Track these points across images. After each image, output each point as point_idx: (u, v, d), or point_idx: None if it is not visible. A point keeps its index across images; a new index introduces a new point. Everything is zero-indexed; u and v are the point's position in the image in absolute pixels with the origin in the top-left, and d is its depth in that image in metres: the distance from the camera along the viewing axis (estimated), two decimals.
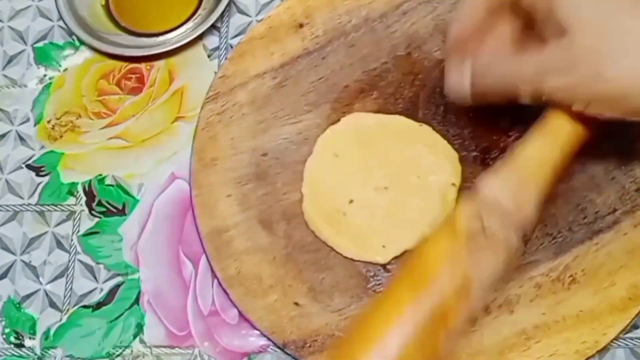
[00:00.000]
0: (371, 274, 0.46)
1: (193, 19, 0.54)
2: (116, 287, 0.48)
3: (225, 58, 0.53)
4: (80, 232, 0.50)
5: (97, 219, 0.50)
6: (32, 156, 0.52)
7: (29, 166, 0.52)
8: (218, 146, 0.49)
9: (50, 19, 0.56)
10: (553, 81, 0.38)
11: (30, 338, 0.48)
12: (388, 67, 0.50)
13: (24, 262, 0.50)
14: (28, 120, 0.53)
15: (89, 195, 0.51)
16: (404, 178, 0.47)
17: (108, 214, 0.50)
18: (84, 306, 0.48)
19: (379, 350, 0.35)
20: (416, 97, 0.49)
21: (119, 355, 0.47)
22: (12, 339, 0.48)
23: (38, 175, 0.52)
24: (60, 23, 0.55)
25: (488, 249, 0.37)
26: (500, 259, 0.37)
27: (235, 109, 0.50)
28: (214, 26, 0.53)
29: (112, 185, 0.51)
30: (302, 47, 0.51)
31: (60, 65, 0.55)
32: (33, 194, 0.51)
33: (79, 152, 0.52)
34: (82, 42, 0.55)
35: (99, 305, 0.48)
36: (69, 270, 0.49)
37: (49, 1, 0.56)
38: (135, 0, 0.56)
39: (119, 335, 0.47)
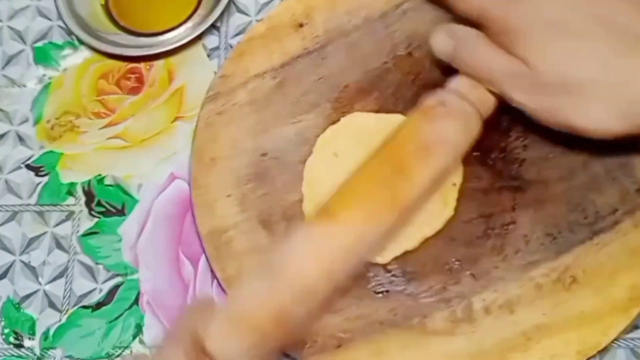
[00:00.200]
0: (371, 274, 0.45)
1: (192, 19, 0.54)
2: (115, 288, 0.48)
3: (225, 58, 0.53)
4: (80, 233, 0.50)
5: (97, 219, 0.50)
6: (32, 156, 0.52)
7: (28, 166, 0.52)
8: (218, 146, 0.49)
9: (49, 19, 0.56)
10: (515, 90, 0.41)
11: (29, 338, 0.48)
12: (388, 67, 0.50)
13: (23, 263, 0.49)
14: (27, 120, 0.53)
15: (89, 195, 0.51)
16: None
17: (107, 214, 0.50)
18: (84, 306, 0.48)
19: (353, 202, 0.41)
20: (416, 97, 0.49)
21: (118, 355, 0.46)
22: (12, 339, 0.48)
23: (37, 175, 0.52)
24: (60, 23, 0.55)
25: (445, 116, 0.42)
26: (458, 123, 0.42)
27: (235, 109, 0.50)
28: (213, 26, 0.53)
29: (112, 186, 0.51)
30: (302, 47, 0.51)
31: (59, 65, 0.55)
32: (32, 194, 0.51)
33: (78, 152, 0.52)
34: (82, 42, 0.55)
35: (99, 305, 0.48)
36: (69, 271, 0.49)
37: (49, 1, 0.56)
38: (134, 0, 0.56)
39: (118, 335, 0.47)
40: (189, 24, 0.54)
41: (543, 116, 0.40)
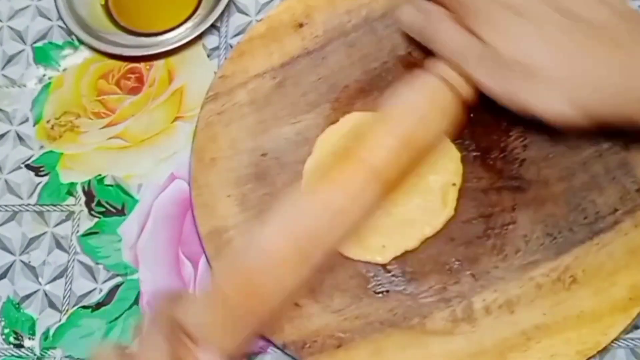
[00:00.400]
0: (371, 274, 0.45)
1: (192, 19, 0.54)
2: (115, 288, 0.48)
3: (225, 58, 0.53)
4: (80, 233, 0.50)
5: (97, 219, 0.50)
6: (32, 156, 0.52)
7: (28, 166, 0.52)
8: (218, 146, 0.49)
9: (49, 19, 0.56)
10: (477, 69, 0.42)
11: (29, 338, 0.48)
12: (388, 67, 0.50)
13: (23, 263, 0.49)
14: (27, 120, 0.53)
15: (89, 195, 0.51)
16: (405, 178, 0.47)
17: (107, 214, 0.50)
18: (84, 306, 0.48)
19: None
20: None
21: None
22: (12, 339, 0.48)
23: (37, 175, 0.52)
24: (60, 23, 0.55)
25: (409, 87, 0.44)
26: (421, 92, 0.44)
27: (235, 109, 0.50)
28: (213, 26, 0.53)
29: (112, 186, 0.51)
30: (302, 47, 0.51)
31: (59, 65, 0.55)
32: (32, 194, 0.51)
33: (78, 152, 0.52)
34: (82, 42, 0.55)
35: (99, 305, 0.48)
36: (68, 271, 0.49)
37: (48, 1, 0.56)
38: (134, 0, 0.56)
39: (118, 335, 0.47)
40: (189, 24, 0.54)
41: (504, 99, 0.41)
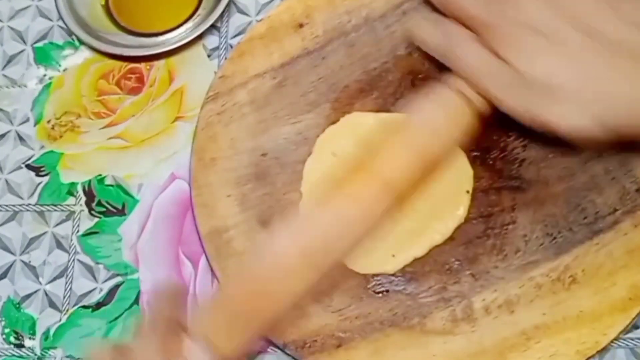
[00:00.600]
0: (371, 274, 0.45)
1: (193, 19, 0.54)
2: (116, 287, 0.48)
3: (225, 58, 0.53)
4: (80, 232, 0.50)
5: (97, 219, 0.50)
6: (32, 156, 0.52)
7: (29, 166, 0.52)
8: (218, 146, 0.49)
9: (50, 19, 0.56)
10: (496, 87, 0.42)
11: (30, 338, 0.48)
12: (388, 67, 0.50)
13: (23, 262, 0.49)
14: (28, 120, 0.53)
15: (89, 195, 0.51)
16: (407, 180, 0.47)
17: (108, 214, 0.50)
18: (84, 306, 0.48)
19: None
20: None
21: None
22: (12, 339, 0.48)
23: (38, 175, 0.52)
24: (60, 23, 0.55)
25: (426, 102, 0.44)
26: (439, 108, 0.44)
27: (235, 109, 0.50)
28: (213, 26, 0.53)
29: (112, 185, 0.51)
30: (302, 47, 0.51)
31: (60, 65, 0.55)
32: (33, 194, 0.51)
33: (78, 152, 0.52)
34: (82, 42, 0.55)
35: (99, 305, 0.48)
36: (69, 271, 0.49)
37: (49, 1, 0.56)
38: (135, 0, 0.56)
39: (118, 335, 0.47)
40: (189, 24, 0.54)
41: (526, 118, 0.41)
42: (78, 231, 0.50)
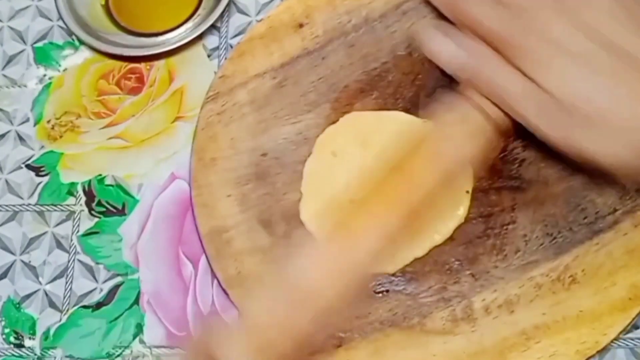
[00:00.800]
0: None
1: (193, 19, 0.54)
2: (116, 287, 0.48)
3: (225, 58, 0.53)
4: (80, 232, 0.50)
5: (97, 219, 0.50)
6: (32, 156, 0.52)
7: (29, 166, 0.52)
8: (218, 146, 0.49)
9: (49, 19, 0.56)
10: (529, 114, 0.39)
11: (30, 338, 0.48)
12: (388, 67, 0.50)
13: (23, 262, 0.49)
14: (28, 120, 0.53)
15: (89, 195, 0.51)
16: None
17: (108, 214, 0.50)
18: (84, 306, 0.48)
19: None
20: (416, 97, 0.49)
21: (118, 355, 0.46)
22: (12, 339, 0.48)
23: (38, 175, 0.52)
24: (60, 23, 0.55)
25: (452, 122, 0.42)
26: (464, 129, 0.41)
27: (235, 109, 0.50)
28: (213, 26, 0.53)
29: (112, 185, 0.51)
30: (302, 47, 0.51)
31: (60, 65, 0.55)
32: (33, 194, 0.51)
33: (78, 152, 0.52)
34: (82, 42, 0.55)
35: (99, 305, 0.48)
36: (69, 271, 0.49)
37: (49, 1, 0.56)
38: (135, 0, 0.56)
39: (118, 335, 0.47)
40: (189, 24, 0.54)
41: (560, 144, 0.39)
42: (78, 231, 0.50)
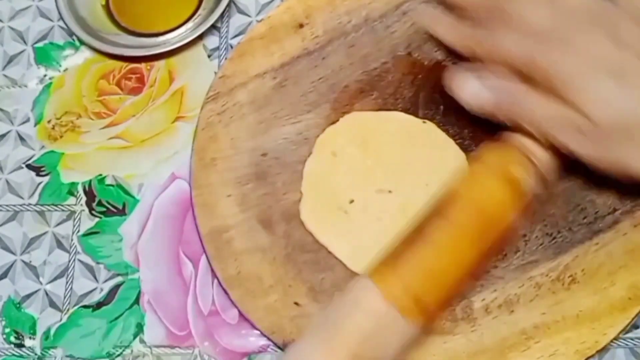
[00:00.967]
0: None
1: (193, 19, 0.54)
2: (116, 287, 0.48)
3: (225, 58, 0.53)
4: (81, 232, 0.50)
5: (97, 219, 0.50)
6: (32, 156, 0.52)
7: (29, 166, 0.52)
8: (218, 146, 0.49)
9: (50, 19, 0.56)
10: (571, 140, 0.39)
11: (30, 338, 0.48)
12: (388, 67, 0.50)
13: (24, 262, 0.50)
14: (28, 120, 0.53)
15: (89, 195, 0.51)
16: (409, 183, 0.47)
17: (108, 213, 0.50)
18: (84, 306, 0.48)
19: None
20: (416, 97, 0.49)
21: (119, 355, 0.47)
22: (12, 338, 0.48)
23: (38, 175, 0.52)
24: (61, 23, 0.55)
25: (509, 182, 0.41)
26: (519, 188, 0.41)
27: (235, 109, 0.50)
28: (214, 26, 0.53)
29: (112, 185, 0.51)
30: (302, 47, 0.51)
31: (60, 65, 0.55)
32: (33, 194, 0.51)
33: (79, 152, 0.52)
34: (83, 42, 0.55)
35: (99, 305, 0.48)
36: (69, 270, 0.49)
37: (49, 1, 0.56)
38: (135, 1, 0.56)
39: (119, 335, 0.47)
40: (190, 25, 0.54)
41: (604, 166, 0.39)
42: (78, 231, 0.50)
